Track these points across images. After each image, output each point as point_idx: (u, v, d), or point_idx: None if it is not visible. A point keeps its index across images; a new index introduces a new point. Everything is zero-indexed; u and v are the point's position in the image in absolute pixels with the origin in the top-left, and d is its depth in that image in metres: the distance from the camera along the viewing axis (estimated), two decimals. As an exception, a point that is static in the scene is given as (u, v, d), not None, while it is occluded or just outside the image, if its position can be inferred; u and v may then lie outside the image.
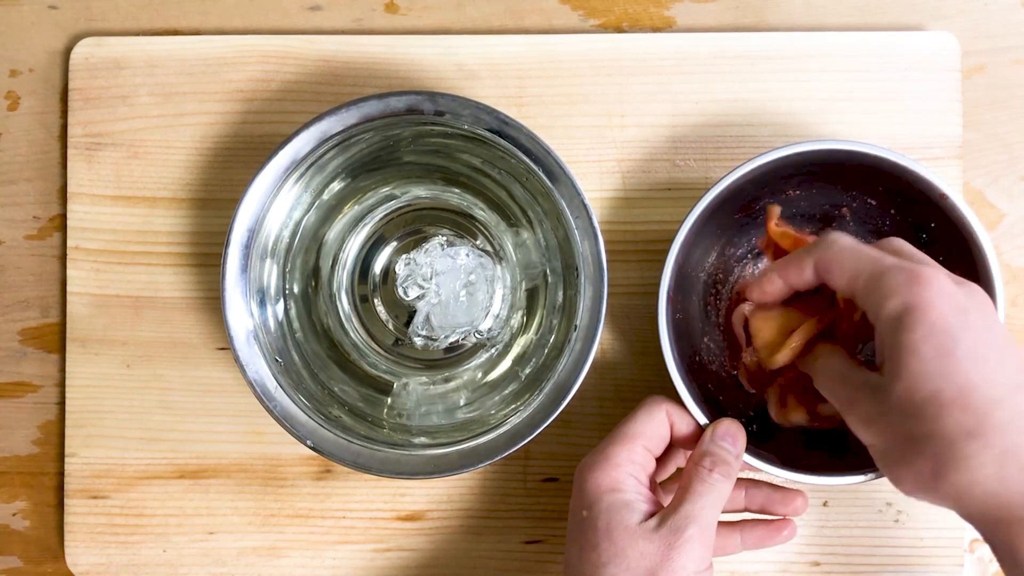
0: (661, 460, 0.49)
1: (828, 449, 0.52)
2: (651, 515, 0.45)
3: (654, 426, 0.48)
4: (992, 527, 0.40)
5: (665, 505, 0.46)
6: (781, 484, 0.51)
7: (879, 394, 0.41)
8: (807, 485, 0.50)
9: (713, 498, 0.45)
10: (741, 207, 0.53)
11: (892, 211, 0.52)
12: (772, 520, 0.51)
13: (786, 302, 0.48)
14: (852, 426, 0.43)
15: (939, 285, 0.40)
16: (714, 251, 0.55)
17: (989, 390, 0.39)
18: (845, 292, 0.44)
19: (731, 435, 0.47)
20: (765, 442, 0.51)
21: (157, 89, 0.57)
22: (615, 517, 0.45)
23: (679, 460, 0.52)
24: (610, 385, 0.56)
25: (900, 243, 0.45)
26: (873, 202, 0.53)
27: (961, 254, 0.50)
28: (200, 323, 0.56)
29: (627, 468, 0.46)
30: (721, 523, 0.48)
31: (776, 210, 0.50)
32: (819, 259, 0.44)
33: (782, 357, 0.47)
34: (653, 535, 0.44)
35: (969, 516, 0.40)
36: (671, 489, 0.51)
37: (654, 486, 0.48)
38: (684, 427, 0.48)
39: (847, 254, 0.44)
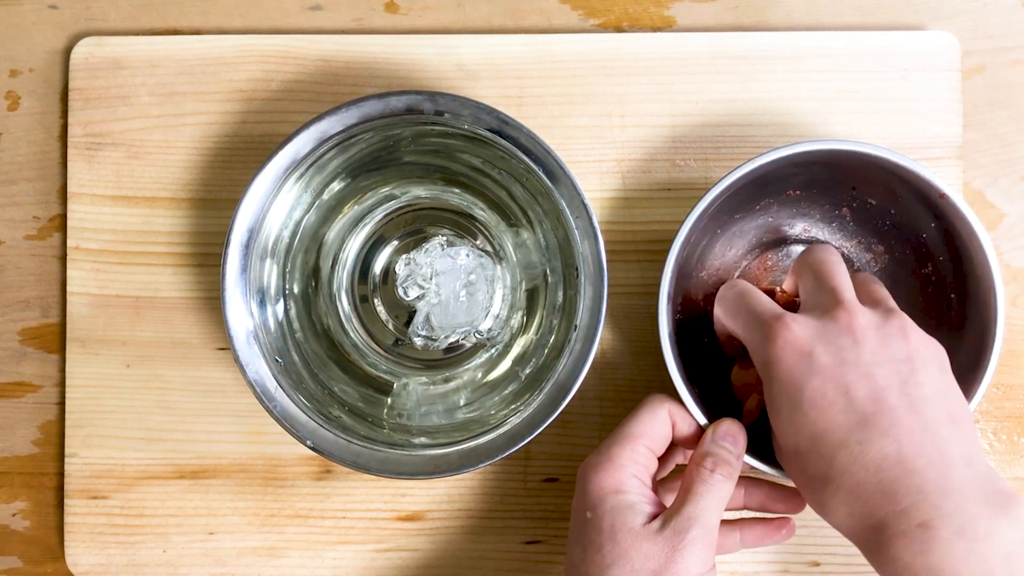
0: (661, 459, 0.50)
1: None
2: (654, 516, 0.45)
3: (656, 426, 0.48)
4: (866, 556, 0.42)
5: (667, 505, 0.46)
6: (780, 483, 0.51)
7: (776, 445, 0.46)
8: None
9: (715, 499, 0.45)
10: (742, 206, 0.53)
11: (892, 211, 0.52)
12: (771, 519, 0.51)
13: None
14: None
15: (785, 336, 0.44)
16: (715, 250, 0.55)
17: (833, 435, 0.42)
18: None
19: (732, 435, 0.47)
20: (765, 442, 0.51)
21: (157, 89, 0.57)
22: (619, 519, 0.45)
23: (678, 458, 0.52)
24: (610, 385, 0.56)
25: (818, 262, 0.48)
26: (873, 202, 0.53)
27: (961, 254, 0.50)
28: (200, 323, 0.56)
29: (630, 469, 0.46)
30: (721, 522, 0.48)
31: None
32: (717, 309, 0.49)
33: (746, 420, 0.50)
34: (657, 537, 0.44)
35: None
36: (670, 487, 0.51)
37: (656, 486, 0.48)
38: (685, 427, 0.48)
39: (730, 309, 0.48)
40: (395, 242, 0.56)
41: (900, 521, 0.40)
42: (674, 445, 0.49)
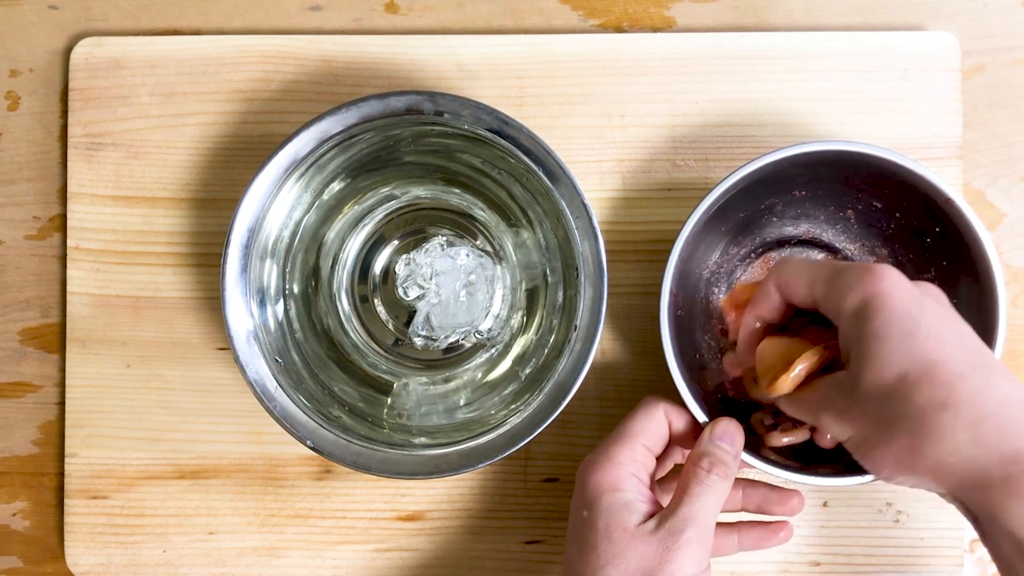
0: (659, 459, 0.50)
1: (832, 453, 0.52)
2: (651, 515, 0.45)
3: (654, 425, 0.48)
4: (971, 495, 0.41)
5: (664, 504, 0.46)
6: (779, 484, 0.51)
7: (848, 387, 0.43)
8: (807, 485, 0.50)
9: (711, 499, 0.45)
10: (746, 206, 0.53)
11: (897, 215, 0.52)
12: (769, 521, 0.51)
13: (794, 333, 0.48)
14: (826, 426, 0.44)
15: (892, 278, 0.43)
16: (717, 250, 0.55)
17: (954, 366, 0.41)
18: (806, 300, 0.45)
19: (729, 435, 0.47)
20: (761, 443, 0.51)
21: (157, 89, 0.57)
22: (614, 518, 0.45)
23: (676, 458, 0.52)
24: (610, 385, 0.56)
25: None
26: (879, 205, 0.52)
27: (963, 255, 0.50)
28: (200, 323, 0.56)
29: (629, 467, 0.46)
30: (719, 524, 0.48)
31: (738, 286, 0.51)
32: (777, 279, 0.47)
33: (785, 386, 0.46)
34: (651, 537, 0.44)
35: (950, 488, 0.41)
36: (669, 488, 0.51)
37: (654, 485, 0.48)
38: (682, 426, 0.49)
39: (801, 265, 0.46)
40: (395, 242, 0.56)
41: None
42: (672, 444, 0.49)
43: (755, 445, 0.50)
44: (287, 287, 0.54)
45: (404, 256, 0.54)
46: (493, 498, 0.56)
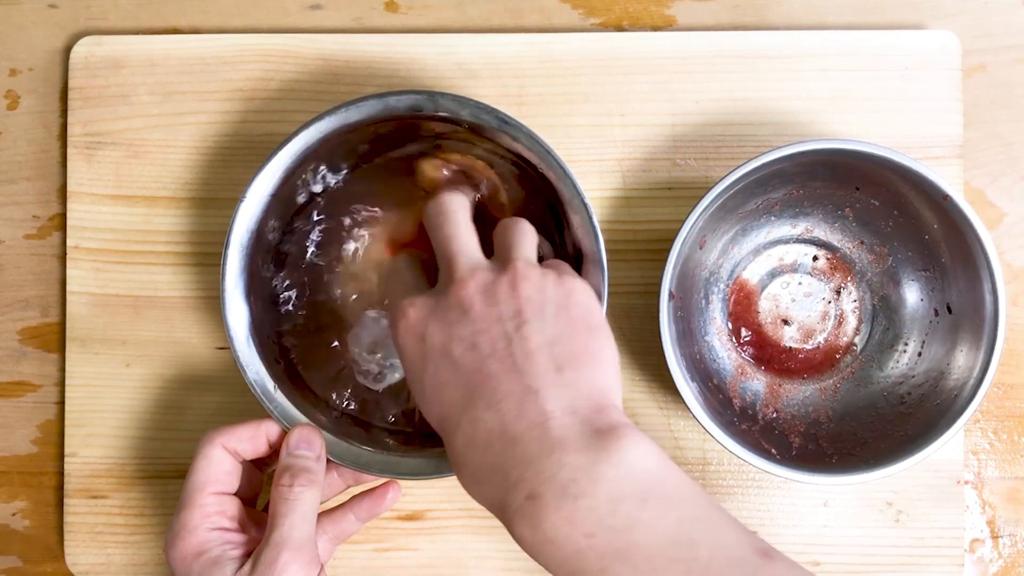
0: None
1: (836, 453, 0.52)
2: (247, 555, 0.45)
3: (214, 468, 0.47)
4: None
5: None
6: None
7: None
8: (808, 485, 0.50)
9: (301, 513, 0.45)
10: (744, 205, 0.53)
11: (895, 212, 0.52)
12: (376, 487, 0.52)
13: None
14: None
15: (402, 324, 0.43)
16: (716, 250, 0.55)
17: (451, 419, 0.41)
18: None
19: (306, 440, 0.47)
20: (768, 438, 0.51)
21: (157, 88, 0.57)
22: None
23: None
24: (610, 385, 0.56)
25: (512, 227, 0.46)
26: (876, 203, 0.53)
27: (963, 254, 0.50)
28: (200, 323, 0.56)
29: (205, 525, 0.46)
30: (333, 509, 0.50)
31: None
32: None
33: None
34: None
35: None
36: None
37: (245, 521, 0.48)
38: (263, 441, 0.48)
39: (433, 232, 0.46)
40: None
41: (513, 497, 0.38)
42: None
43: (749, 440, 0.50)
44: (287, 287, 0.54)
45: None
46: (493, 498, 0.56)
